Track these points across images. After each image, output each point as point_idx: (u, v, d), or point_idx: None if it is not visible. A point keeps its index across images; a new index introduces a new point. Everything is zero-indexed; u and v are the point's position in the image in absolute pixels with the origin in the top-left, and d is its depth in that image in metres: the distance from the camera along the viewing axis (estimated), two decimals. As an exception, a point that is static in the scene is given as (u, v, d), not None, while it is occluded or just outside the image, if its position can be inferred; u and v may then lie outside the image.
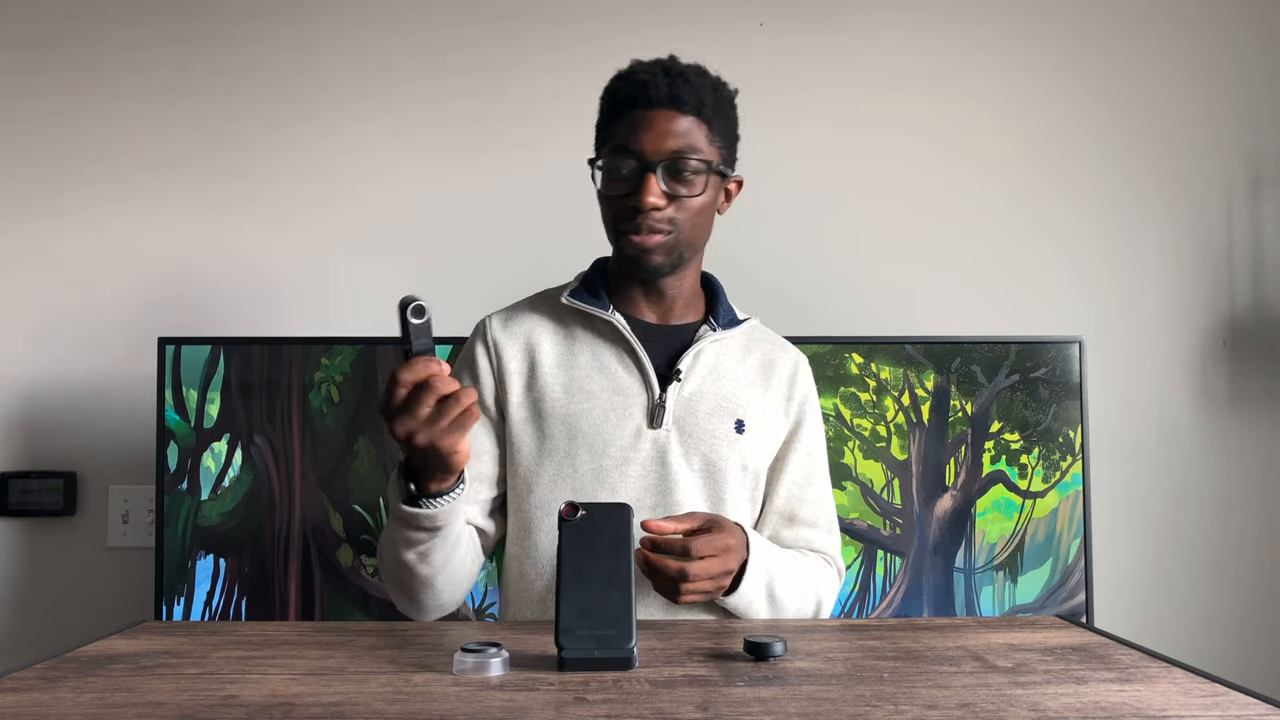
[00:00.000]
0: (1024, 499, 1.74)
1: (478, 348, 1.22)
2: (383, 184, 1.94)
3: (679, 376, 1.17)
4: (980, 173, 1.99)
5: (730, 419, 1.18)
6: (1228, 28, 2.02)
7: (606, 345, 1.19)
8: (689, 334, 1.22)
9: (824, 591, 1.20)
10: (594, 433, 1.15)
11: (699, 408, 1.17)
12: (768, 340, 1.28)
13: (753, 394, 1.21)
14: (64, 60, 1.92)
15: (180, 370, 1.70)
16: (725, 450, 1.17)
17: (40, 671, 0.81)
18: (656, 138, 1.11)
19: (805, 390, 1.26)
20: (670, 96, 1.12)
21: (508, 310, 1.26)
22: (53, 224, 1.91)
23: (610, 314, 1.19)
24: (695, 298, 1.25)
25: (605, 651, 0.80)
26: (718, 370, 1.21)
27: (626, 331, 1.18)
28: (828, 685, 0.76)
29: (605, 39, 1.96)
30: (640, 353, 1.18)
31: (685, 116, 1.12)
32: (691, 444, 1.16)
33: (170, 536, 1.68)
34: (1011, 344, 1.75)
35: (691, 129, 1.13)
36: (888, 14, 1.99)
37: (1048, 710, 0.70)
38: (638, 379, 1.18)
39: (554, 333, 1.21)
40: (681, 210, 1.14)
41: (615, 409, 1.16)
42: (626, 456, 1.15)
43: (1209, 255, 2.00)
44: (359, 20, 1.95)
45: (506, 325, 1.22)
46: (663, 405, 1.16)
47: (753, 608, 1.11)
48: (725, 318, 1.24)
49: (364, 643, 0.91)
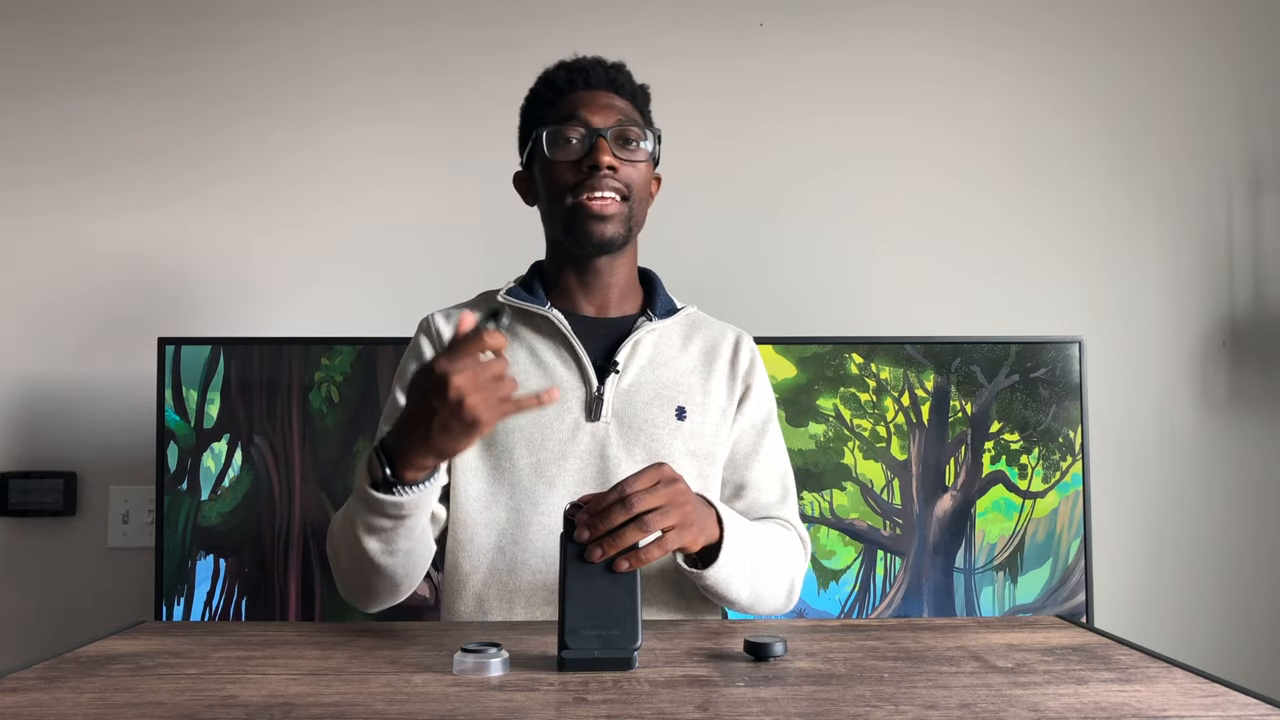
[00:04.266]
0: (1024, 499, 1.74)
1: (423, 341, 1.24)
2: (383, 184, 1.94)
3: (616, 368, 1.17)
4: (981, 173, 1.99)
5: (670, 407, 1.18)
6: (1228, 28, 2.02)
7: (544, 340, 1.20)
8: (627, 325, 1.22)
9: (788, 555, 1.16)
10: (531, 427, 1.15)
11: (638, 398, 1.18)
12: (708, 326, 1.28)
13: (694, 380, 1.21)
14: (64, 60, 1.92)
15: (180, 370, 1.70)
16: (667, 439, 1.16)
17: (40, 671, 0.81)
18: (603, 110, 1.16)
19: (746, 365, 1.25)
20: (608, 80, 1.19)
21: (450, 309, 1.28)
22: (52, 224, 1.91)
23: (547, 309, 1.20)
24: (632, 290, 1.26)
25: (605, 652, 0.80)
26: (656, 359, 1.21)
27: (563, 325, 1.18)
28: (828, 685, 0.76)
29: (606, 39, 1.95)
30: (577, 346, 1.18)
31: (622, 99, 1.19)
32: (632, 435, 1.16)
33: (170, 536, 1.68)
34: (1011, 344, 1.75)
35: (630, 109, 1.19)
36: (887, 14, 1.99)
37: (1048, 710, 0.70)
38: (575, 373, 1.18)
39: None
40: (632, 175, 1.17)
41: (553, 405, 1.15)
42: (564, 450, 1.15)
43: (1209, 255, 2.00)
44: (359, 21, 1.95)
45: (449, 321, 1.24)
46: (600, 398, 1.16)
47: (733, 580, 1.04)
48: (663, 308, 1.24)
49: (364, 643, 0.91)
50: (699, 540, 0.98)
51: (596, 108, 1.16)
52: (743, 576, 1.05)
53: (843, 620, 1.15)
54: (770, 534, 1.14)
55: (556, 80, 1.20)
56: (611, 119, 1.16)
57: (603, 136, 1.14)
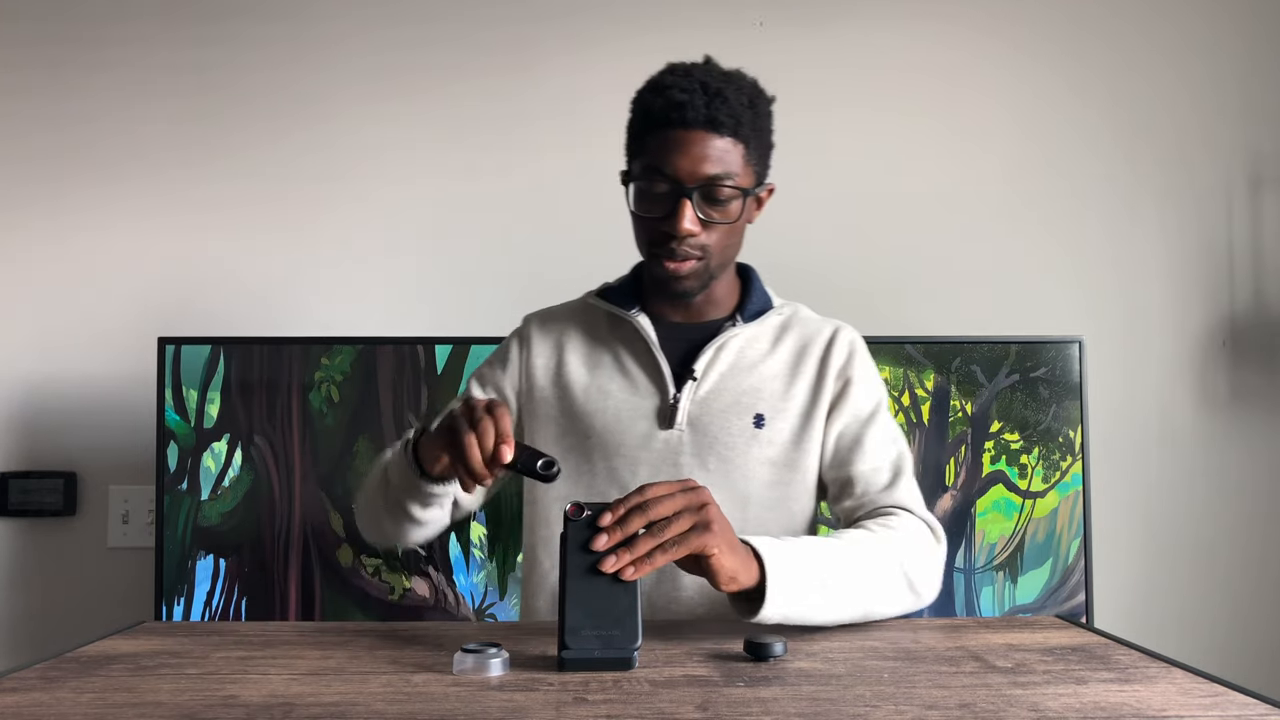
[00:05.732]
0: (1024, 499, 1.74)
1: (513, 342, 1.27)
2: (383, 184, 1.94)
3: (694, 376, 1.17)
4: (980, 172, 1.99)
5: (748, 414, 1.16)
6: (1228, 28, 2.02)
7: (629, 346, 1.21)
8: (713, 331, 1.20)
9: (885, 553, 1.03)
10: (606, 432, 1.16)
11: (714, 406, 1.16)
12: (803, 325, 1.23)
13: (777, 385, 1.18)
14: (64, 60, 1.92)
15: (180, 370, 1.70)
16: (742, 447, 1.15)
17: (40, 671, 0.81)
18: (693, 162, 1.08)
19: (842, 360, 1.19)
20: (707, 118, 1.08)
21: (549, 310, 1.30)
22: (53, 224, 1.91)
23: (633, 314, 1.20)
24: (728, 293, 1.24)
25: (605, 652, 0.80)
26: (739, 365, 1.19)
27: (645, 332, 1.18)
28: (828, 685, 0.76)
29: (607, 39, 1.97)
30: (657, 353, 1.18)
31: (722, 138, 1.09)
32: (706, 443, 1.15)
33: (170, 536, 1.68)
34: (1011, 344, 1.75)
35: (728, 152, 1.10)
36: (887, 14, 1.99)
37: (1047, 710, 0.70)
38: (655, 379, 1.18)
39: (584, 333, 1.24)
40: (714, 234, 1.12)
41: (628, 409, 1.16)
42: (637, 456, 1.15)
43: (1209, 255, 2.00)
44: (360, 21, 1.95)
45: (543, 324, 1.26)
46: (676, 405, 1.16)
47: (801, 606, 0.93)
48: (753, 309, 1.22)
49: (364, 643, 0.91)
50: (725, 562, 0.88)
51: (688, 158, 1.08)
52: (812, 602, 0.93)
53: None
54: (851, 540, 1.02)
55: (653, 111, 1.11)
56: (700, 174, 1.08)
57: (687, 198, 1.08)
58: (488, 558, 1.70)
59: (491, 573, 1.69)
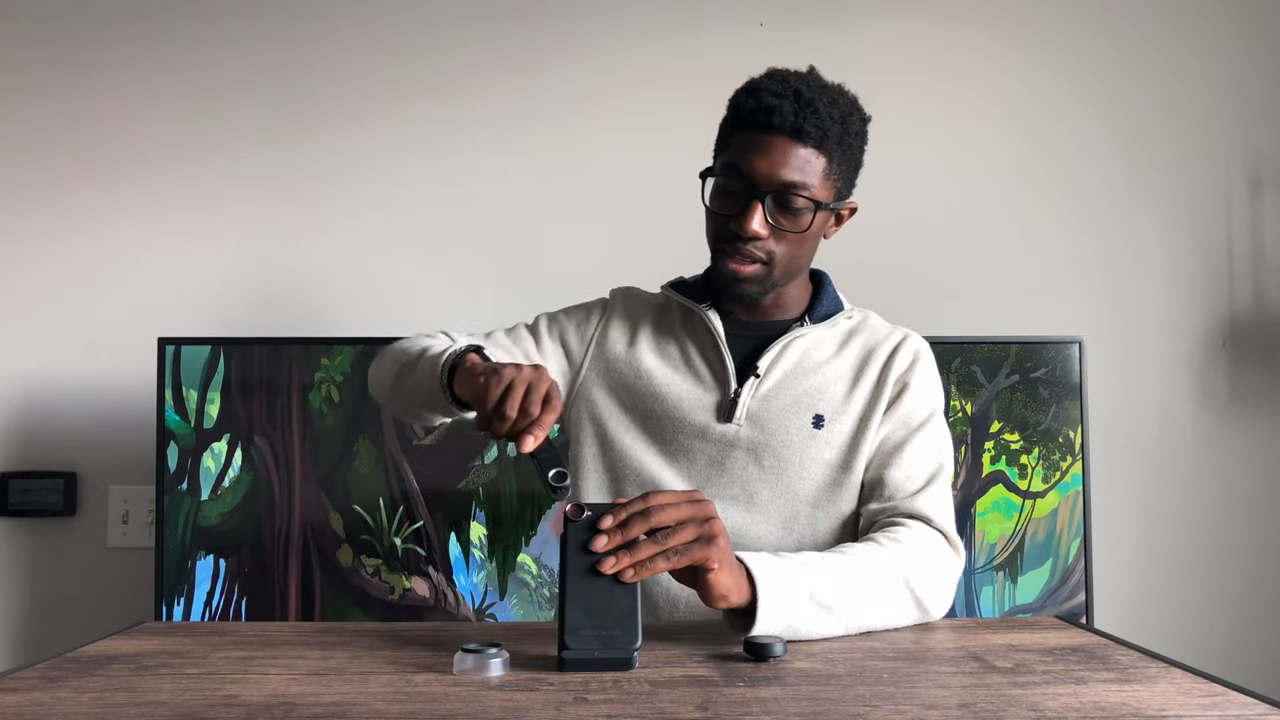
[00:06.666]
0: (1024, 499, 1.74)
1: (596, 307, 1.28)
2: (383, 184, 1.94)
3: (757, 373, 1.17)
4: (980, 173, 1.99)
5: (808, 414, 1.16)
6: (1227, 29, 2.02)
7: (697, 339, 1.22)
8: (780, 330, 1.21)
9: (889, 567, 1.01)
10: (666, 419, 1.17)
11: (775, 403, 1.16)
12: (872, 330, 1.24)
13: (839, 388, 1.18)
14: (64, 60, 1.92)
15: (180, 370, 1.70)
16: (799, 446, 1.15)
17: (41, 671, 0.81)
18: (771, 165, 1.08)
19: (904, 366, 1.19)
20: (794, 126, 1.07)
21: (634, 292, 1.31)
22: (53, 224, 1.91)
23: (704, 309, 1.21)
24: (799, 295, 1.24)
25: (605, 652, 0.80)
26: (803, 365, 1.19)
27: (713, 326, 1.20)
28: (828, 685, 0.76)
29: (608, 39, 1.96)
30: (722, 347, 1.19)
31: (805, 148, 1.09)
32: (763, 440, 1.15)
33: (170, 537, 1.68)
34: (1011, 344, 1.75)
35: (809, 162, 1.09)
36: (887, 14, 1.99)
37: (1047, 710, 0.70)
38: (719, 374, 1.19)
39: (658, 320, 1.26)
40: (782, 242, 1.12)
41: (690, 400, 1.17)
42: (693, 446, 1.16)
43: (1209, 255, 2.00)
44: (360, 21, 1.95)
45: (626, 302, 1.28)
46: (736, 400, 1.16)
47: (794, 623, 0.92)
48: (823, 312, 1.22)
49: (364, 643, 0.91)
50: (721, 578, 0.88)
51: (767, 161, 1.08)
52: (805, 618, 0.92)
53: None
54: (853, 556, 1.01)
55: (743, 111, 1.11)
56: (777, 179, 1.08)
57: (759, 200, 1.09)
58: (488, 558, 1.70)
59: (491, 573, 1.69)
